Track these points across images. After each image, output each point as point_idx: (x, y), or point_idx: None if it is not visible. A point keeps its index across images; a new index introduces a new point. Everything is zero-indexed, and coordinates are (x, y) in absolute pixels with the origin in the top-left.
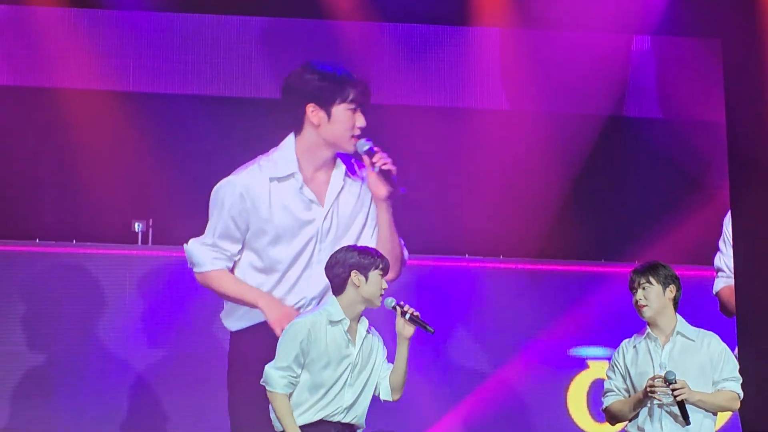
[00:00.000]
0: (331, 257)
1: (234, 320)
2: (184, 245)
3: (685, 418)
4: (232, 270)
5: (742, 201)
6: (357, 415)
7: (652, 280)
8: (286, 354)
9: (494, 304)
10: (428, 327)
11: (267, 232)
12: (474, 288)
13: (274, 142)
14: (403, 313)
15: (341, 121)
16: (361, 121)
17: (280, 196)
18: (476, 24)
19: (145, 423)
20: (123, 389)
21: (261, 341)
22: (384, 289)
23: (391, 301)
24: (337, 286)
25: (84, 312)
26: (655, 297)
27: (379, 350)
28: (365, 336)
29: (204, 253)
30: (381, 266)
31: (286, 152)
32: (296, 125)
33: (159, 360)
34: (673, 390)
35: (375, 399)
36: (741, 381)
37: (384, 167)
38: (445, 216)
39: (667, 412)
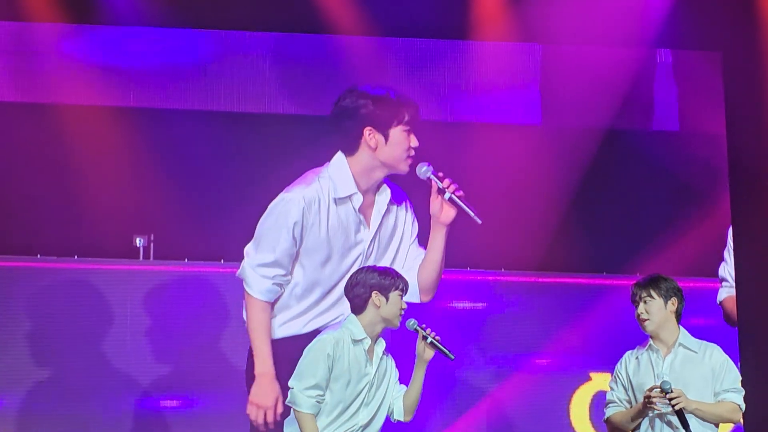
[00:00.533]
0: (351, 277)
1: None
2: (243, 266)
3: (686, 428)
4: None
5: (742, 212)
6: None
7: (653, 293)
8: (312, 370)
9: (496, 316)
10: (449, 353)
11: (321, 250)
12: (476, 300)
13: (279, 157)
14: (424, 337)
15: (398, 143)
16: (414, 141)
17: (338, 216)
18: (475, 38)
19: None
20: (126, 405)
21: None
22: (403, 309)
23: (413, 323)
24: (358, 306)
25: (86, 327)
26: (656, 310)
27: (393, 371)
28: (381, 356)
29: (257, 279)
30: (401, 287)
31: (342, 172)
32: (350, 147)
33: (162, 376)
34: (669, 399)
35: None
36: (743, 393)
37: (457, 194)
38: None
39: (666, 422)
